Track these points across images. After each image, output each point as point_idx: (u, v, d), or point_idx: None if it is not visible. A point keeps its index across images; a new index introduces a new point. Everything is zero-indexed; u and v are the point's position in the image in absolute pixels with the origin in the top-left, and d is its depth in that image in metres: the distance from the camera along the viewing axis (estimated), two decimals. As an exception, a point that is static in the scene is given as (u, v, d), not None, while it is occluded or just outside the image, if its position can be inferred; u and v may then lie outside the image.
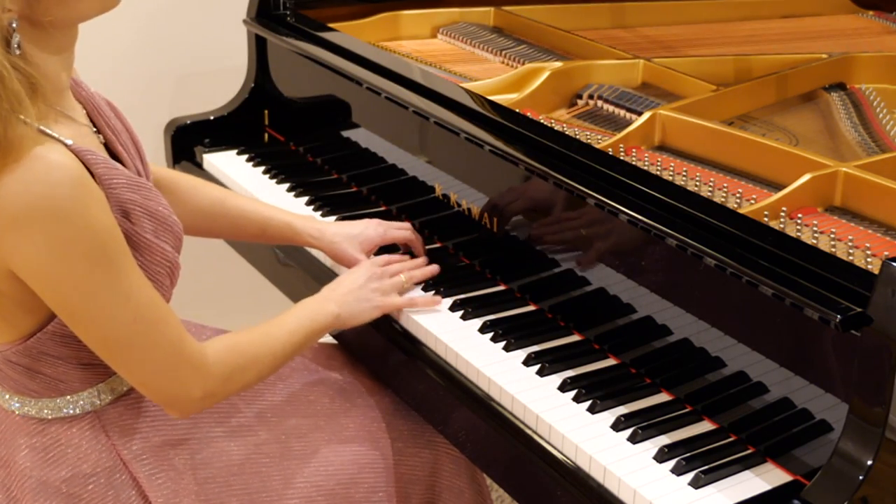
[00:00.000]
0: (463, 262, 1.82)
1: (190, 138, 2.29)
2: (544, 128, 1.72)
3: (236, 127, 2.32)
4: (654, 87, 1.99)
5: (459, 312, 1.65)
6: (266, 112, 2.34)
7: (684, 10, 2.44)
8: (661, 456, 1.34)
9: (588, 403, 1.44)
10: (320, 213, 1.98)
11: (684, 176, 1.63)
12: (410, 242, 1.81)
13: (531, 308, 1.68)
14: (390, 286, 1.66)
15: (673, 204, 1.44)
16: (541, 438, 1.41)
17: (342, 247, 1.76)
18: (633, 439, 1.37)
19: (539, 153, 1.62)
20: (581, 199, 1.54)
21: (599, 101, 1.93)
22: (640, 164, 1.66)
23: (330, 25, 2.19)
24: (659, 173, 1.64)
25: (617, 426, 1.40)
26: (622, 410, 1.43)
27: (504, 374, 1.51)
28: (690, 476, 1.31)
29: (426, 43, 2.32)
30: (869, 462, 1.18)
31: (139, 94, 2.58)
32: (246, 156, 2.24)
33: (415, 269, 1.72)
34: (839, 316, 1.20)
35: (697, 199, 1.47)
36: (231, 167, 2.20)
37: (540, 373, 1.51)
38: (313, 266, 1.88)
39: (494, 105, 1.78)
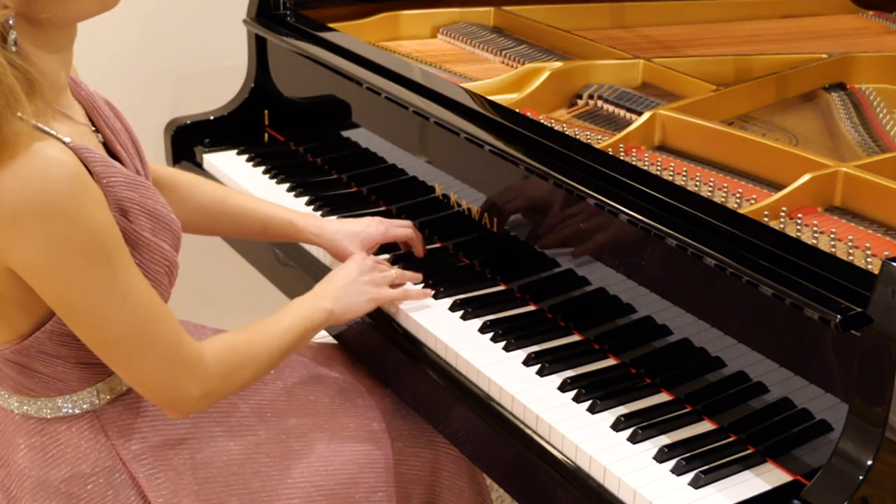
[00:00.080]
0: (463, 262, 1.82)
1: (190, 138, 2.29)
2: (544, 128, 1.72)
3: (236, 127, 2.32)
4: (654, 87, 1.99)
5: (459, 312, 1.65)
6: (266, 112, 2.34)
7: (684, 10, 2.44)
8: (661, 456, 1.34)
9: (588, 403, 1.44)
10: (320, 213, 1.98)
11: (684, 176, 1.63)
12: (411, 241, 1.81)
13: (531, 308, 1.68)
14: (382, 279, 1.66)
15: (673, 204, 1.44)
16: (541, 438, 1.41)
17: (343, 244, 1.76)
18: (633, 439, 1.37)
19: (539, 153, 1.62)
20: (581, 199, 1.54)
21: (599, 101, 1.93)
22: (640, 164, 1.66)
23: (330, 25, 2.19)
24: (659, 173, 1.64)
25: (617, 426, 1.40)
26: (622, 410, 1.43)
27: (504, 374, 1.51)
28: (690, 476, 1.31)
29: (426, 43, 2.32)
30: (869, 462, 1.18)
31: (139, 94, 2.58)
32: (246, 156, 2.24)
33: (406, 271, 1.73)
34: (839, 316, 1.20)
35: (697, 199, 1.47)
36: (231, 167, 2.20)
37: (540, 373, 1.51)
38: (313, 266, 1.88)
39: (494, 105, 1.78)
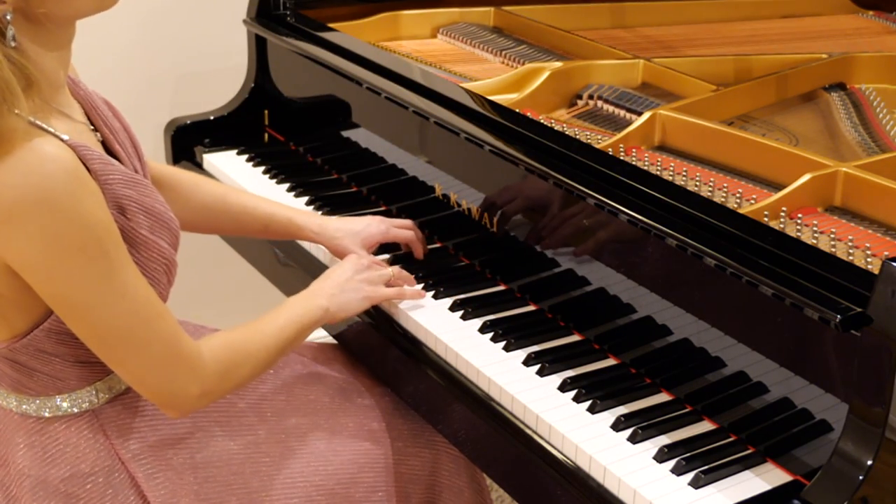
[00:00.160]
0: (463, 262, 1.82)
1: (190, 138, 2.29)
2: (544, 128, 1.72)
3: (236, 127, 2.32)
4: (654, 87, 1.99)
5: (459, 312, 1.65)
6: (266, 112, 2.34)
7: (684, 10, 2.44)
8: (661, 456, 1.34)
9: (588, 403, 1.44)
10: (320, 213, 1.98)
11: (684, 176, 1.63)
12: (412, 243, 1.81)
13: (531, 308, 1.68)
14: (378, 277, 1.66)
15: (673, 204, 1.44)
16: (541, 438, 1.41)
17: (344, 243, 1.76)
18: (633, 439, 1.37)
19: (539, 153, 1.62)
20: (581, 199, 1.54)
21: (599, 102, 1.93)
22: (640, 164, 1.66)
23: (330, 25, 2.19)
24: (659, 173, 1.64)
25: (617, 426, 1.40)
26: (622, 410, 1.43)
27: (504, 374, 1.50)
28: (690, 476, 1.31)
29: (426, 43, 2.32)
30: (869, 462, 1.18)
31: (139, 94, 2.58)
32: (246, 156, 2.24)
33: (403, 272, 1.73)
34: (839, 316, 1.20)
35: (697, 199, 1.47)
36: (231, 167, 2.20)
37: (540, 373, 1.51)
38: (313, 266, 1.88)
39: (494, 105, 1.78)
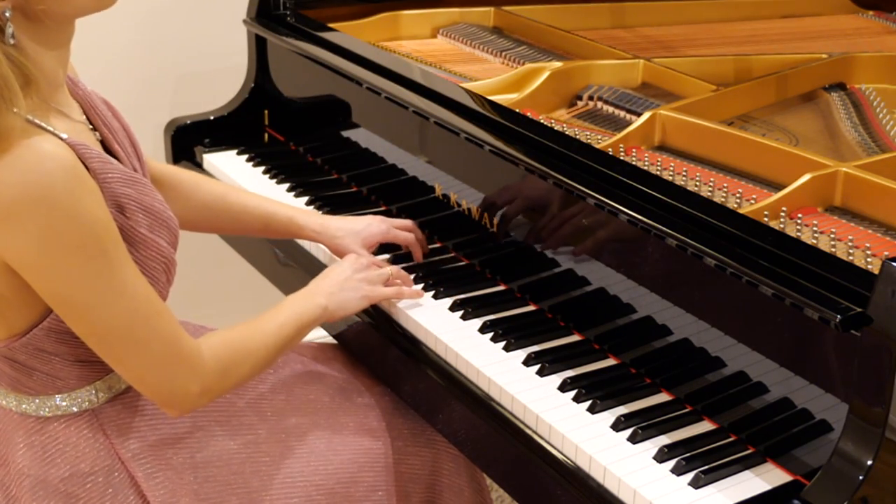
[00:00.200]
0: (463, 262, 1.82)
1: (190, 138, 2.29)
2: (544, 128, 1.72)
3: (236, 127, 2.32)
4: (654, 87, 1.99)
5: (459, 312, 1.65)
6: (266, 112, 2.34)
7: (684, 10, 2.44)
8: (661, 456, 1.34)
9: (588, 403, 1.44)
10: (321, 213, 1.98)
11: (684, 176, 1.63)
12: (412, 246, 1.81)
13: (531, 308, 1.68)
14: (377, 276, 1.66)
15: (673, 204, 1.44)
16: (541, 438, 1.41)
17: (344, 242, 1.76)
18: (633, 439, 1.37)
19: (539, 153, 1.62)
20: (581, 199, 1.54)
21: (599, 102, 1.93)
22: (640, 164, 1.66)
23: (330, 25, 2.19)
24: (659, 173, 1.64)
25: (617, 426, 1.40)
26: (622, 410, 1.43)
27: (504, 374, 1.50)
28: (690, 476, 1.31)
29: (426, 43, 2.32)
30: (869, 462, 1.18)
31: (139, 94, 2.58)
32: (246, 156, 2.24)
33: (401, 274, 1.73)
34: (839, 316, 1.20)
35: (697, 199, 1.47)
36: (231, 167, 2.20)
37: (540, 373, 1.51)
38: (313, 265, 1.87)
39: (494, 105, 1.78)
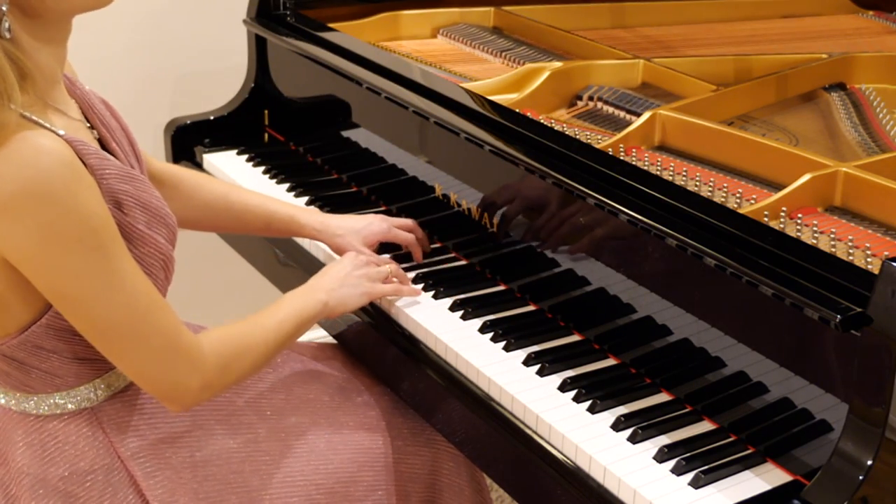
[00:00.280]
0: (463, 262, 1.82)
1: (190, 138, 2.29)
2: (544, 128, 1.72)
3: (236, 127, 2.32)
4: (654, 87, 1.99)
5: (459, 312, 1.65)
6: (266, 112, 2.34)
7: (684, 10, 2.44)
8: (661, 456, 1.34)
9: (588, 403, 1.44)
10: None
11: (684, 176, 1.63)
12: (412, 246, 1.81)
13: (531, 308, 1.68)
14: (377, 274, 1.66)
15: (673, 204, 1.44)
16: (541, 438, 1.41)
17: (345, 240, 1.76)
18: (633, 439, 1.37)
19: (539, 153, 1.62)
20: (581, 199, 1.54)
21: (599, 102, 1.93)
22: (640, 164, 1.66)
23: (330, 25, 2.19)
24: (659, 173, 1.64)
25: (617, 426, 1.40)
26: (622, 410, 1.43)
27: (504, 374, 1.50)
28: (690, 476, 1.31)
29: (426, 43, 2.32)
30: (869, 462, 1.18)
31: (139, 94, 2.58)
32: (246, 156, 2.24)
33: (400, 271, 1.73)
34: (839, 316, 1.20)
35: (697, 199, 1.47)
36: (231, 167, 2.20)
37: (540, 373, 1.51)
38: (313, 265, 1.87)
39: (494, 105, 1.78)
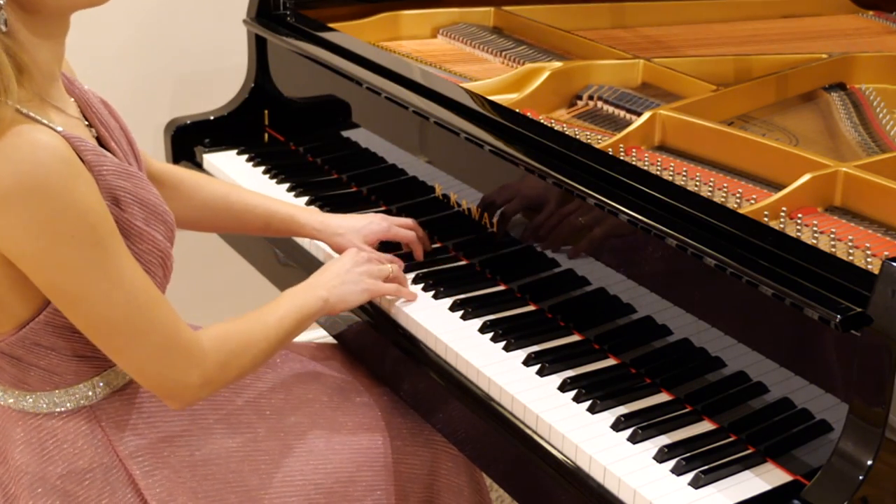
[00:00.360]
0: (463, 262, 1.82)
1: (190, 138, 2.29)
2: (544, 128, 1.72)
3: (236, 127, 2.32)
4: (654, 87, 1.99)
5: (459, 312, 1.65)
6: (266, 112, 2.34)
7: (684, 10, 2.44)
8: (661, 456, 1.34)
9: (588, 403, 1.44)
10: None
11: (684, 176, 1.63)
12: (412, 244, 1.81)
13: (531, 308, 1.68)
14: (378, 271, 1.66)
15: (673, 204, 1.44)
16: (541, 438, 1.41)
17: (345, 239, 1.76)
18: (633, 439, 1.37)
19: (539, 153, 1.62)
20: (581, 199, 1.54)
21: (599, 102, 1.93)
22: (640, 164, 1.66)
23: (330, 25, 2.19)
24: (659, 173, 1.64)
25: (617, 426, 1.40)
26: (622, 410, 1.43)
27: (504, 374, 1.50)
28: (690, 476, 1.31)
29: (426, 43, 2.32)
30: (869, 462, 1.18)
31: (139, 94, 2.58)
32: (246, 156, 2.24)
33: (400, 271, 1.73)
34: (839, 316, 1.20)
35: (697, 199, 1.47)
36: (231, 167, 2.20)
37: (540, 373, 1.51)
38: (312, 265, 1.87)
39: (494, 105, 1.78)
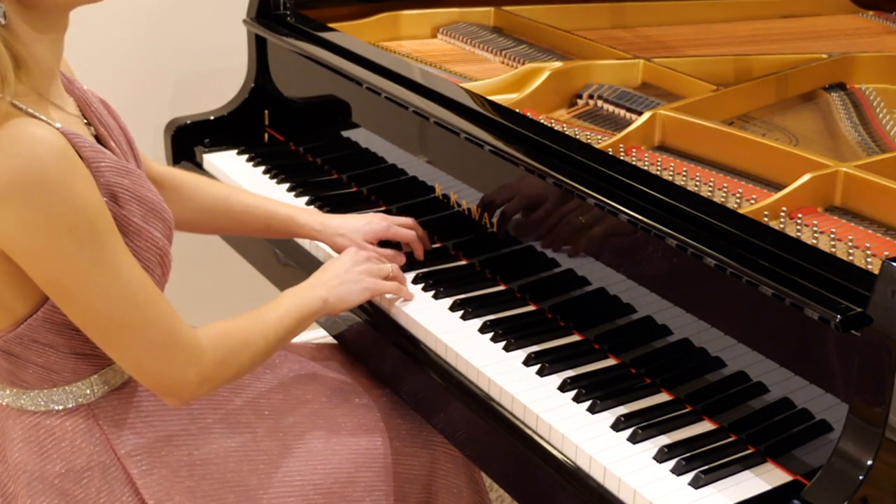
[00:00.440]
0: (463, 262, 1.82)
1: (190, 138, 2.29)
2: (544, 128, 1.72)
3: (236, 127, 2.32)
4: (654, 87, 1.99)
5: (459, 312, 1.65)
6: (266, 112, 2.34)
7: (684, 10, 2.44)
8: (661, 456, 1.34)
9: (588, 403, 1.44)
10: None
11: (684, 176, 1.63)
12: (413, 243, 1.81)
13: (531, 308, 1.68)
14: (378, 270, 1.66)
15: (673, 204, 1.44)
16: (541, 438, 1.41)
17: (346, 239, 1.76)
18: (633, 439, 1.37)
19: (539, 153, 1.62)
20: (581, 199, 1.54)
21: (599, 101, 1.93)
22: (640, 164, 1.66)
23: (330, 25, 2.19)
24: (659, 173, 1.64)
25: (617, 426, 1.40)
26: (622, 410, 1.43)
27: (504, 374, 1.50)
28: (690, 476, 1.31)
29: (426, 43, 2.32)
30: (869, 462, 1.18)
31: (139, 94, 2.58)
32: (246, 156, 2.24)
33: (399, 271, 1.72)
34: (839, 316, 1.20)
35: (697, 199, 1.47)
36: (231, 167, 2.20)
37: (540, 373, 1.51)
38: (312, 266, 1.87)
39: (494, 105, 1.78)
